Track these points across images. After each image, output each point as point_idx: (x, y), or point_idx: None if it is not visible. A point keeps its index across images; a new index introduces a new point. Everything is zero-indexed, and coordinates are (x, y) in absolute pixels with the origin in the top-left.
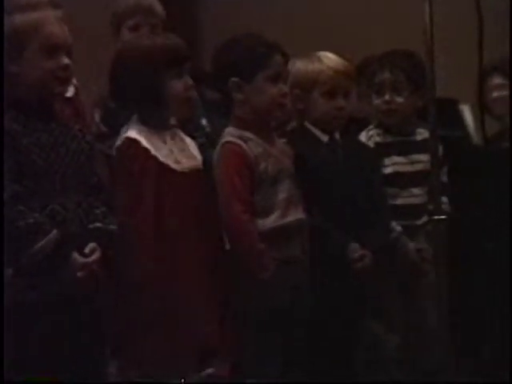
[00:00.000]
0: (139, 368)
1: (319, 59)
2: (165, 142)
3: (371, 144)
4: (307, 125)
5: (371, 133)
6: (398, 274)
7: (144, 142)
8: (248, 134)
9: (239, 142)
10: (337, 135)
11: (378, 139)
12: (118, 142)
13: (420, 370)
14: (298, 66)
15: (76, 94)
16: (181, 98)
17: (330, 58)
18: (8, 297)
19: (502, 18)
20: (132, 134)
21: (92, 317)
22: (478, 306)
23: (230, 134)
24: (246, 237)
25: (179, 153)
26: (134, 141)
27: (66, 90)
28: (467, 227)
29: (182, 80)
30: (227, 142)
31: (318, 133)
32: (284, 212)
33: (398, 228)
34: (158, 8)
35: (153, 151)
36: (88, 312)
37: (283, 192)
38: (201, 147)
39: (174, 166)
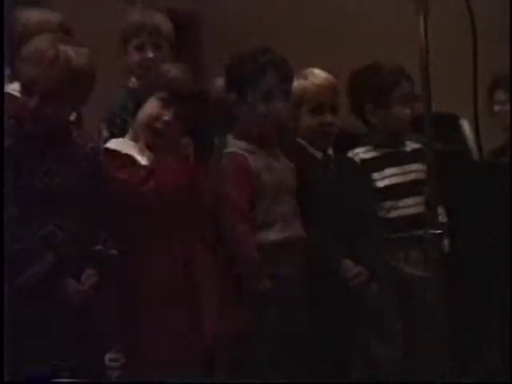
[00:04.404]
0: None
1: (304, 76)
2: (143, 150)
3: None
4: (300, 141)
5: (356, 151)
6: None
7: (124, 150)
8: (251, 147)
9: (243, 153)
10: (330, 151)
11: (363, 156)
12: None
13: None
14: None
15: (78, 116)
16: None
17: (315, 75)
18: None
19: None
20: (111, 145)
21: (92, 324)
22: (477, 307)
23: (234, 144)
24: (242, 247)
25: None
26: (113, 151)
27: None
28: (466, 241)
29: (166, 110)
30: (232, 153)
31: (311, 149)
32: (283, 227)
33: None
34: (166, 28)
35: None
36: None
37: (283, 207)
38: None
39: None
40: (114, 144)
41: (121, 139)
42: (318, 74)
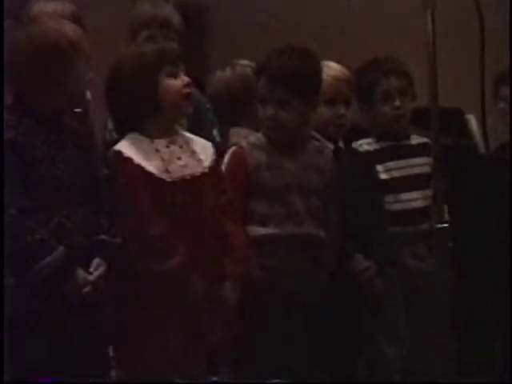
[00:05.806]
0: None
1: None
2: (157, 151)
3: None
4: (313, 133)
5: (359, 142)
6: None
7: (128, 152)
8: (261, 142)
9: (245, 146)
10: (341, 144)
11: (367, 147)
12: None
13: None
14: None
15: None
16: (178, 96)
17: (330, 67)
18: (9, 304)
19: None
20: (119, 146)
21: (94, 323)
22: (478, 307)
23: (243, 136)
24: (231, 240)
25: (175, 160)
26: (119, 152)
27: None
28: (470, 236)
29: (178, 79)
30: (233, 145)
31: (324, 142)
32: (280, 224)
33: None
34: (175, 20)
35: (136, 160)
36: (90, 319)
37: (285, 205)
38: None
39: (161, 175)
40: (127, 147)
41: (137, 136)
42: (334, 67)
